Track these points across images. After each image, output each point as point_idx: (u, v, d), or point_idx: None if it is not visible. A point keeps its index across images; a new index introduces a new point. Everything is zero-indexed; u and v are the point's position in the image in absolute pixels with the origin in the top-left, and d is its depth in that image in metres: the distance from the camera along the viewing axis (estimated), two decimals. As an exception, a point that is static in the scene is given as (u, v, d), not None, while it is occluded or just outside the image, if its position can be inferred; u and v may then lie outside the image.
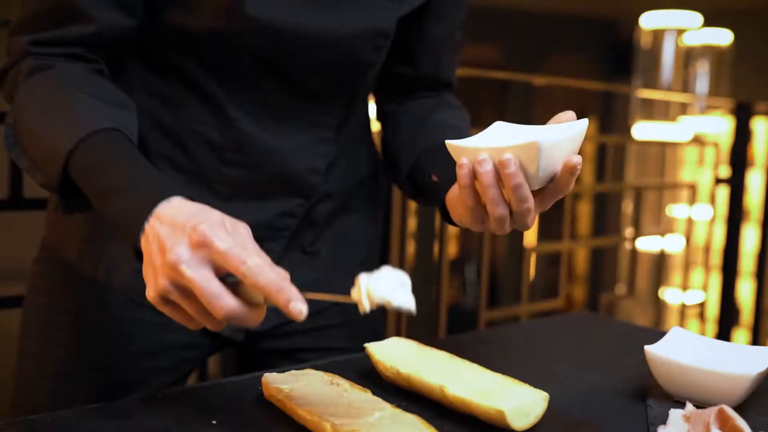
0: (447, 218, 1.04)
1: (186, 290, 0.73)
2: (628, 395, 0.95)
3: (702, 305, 3.00)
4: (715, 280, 2.95)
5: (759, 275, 2.87)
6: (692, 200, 2.79)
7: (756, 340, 2.93)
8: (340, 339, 1.16)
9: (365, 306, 0.74)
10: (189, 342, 1.08)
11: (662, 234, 2.88)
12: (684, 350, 0.95)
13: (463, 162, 0.84)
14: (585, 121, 0.84)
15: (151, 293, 0.75)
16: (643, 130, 4.77)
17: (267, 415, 0.81)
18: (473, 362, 0.90)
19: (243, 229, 0.76)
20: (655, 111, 4.78)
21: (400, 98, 1.18)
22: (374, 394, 0.82)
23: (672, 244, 3.39)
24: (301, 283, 1.12)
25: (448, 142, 0.87)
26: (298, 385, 0.82)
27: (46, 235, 1.10)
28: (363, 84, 1.11)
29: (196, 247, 0.72)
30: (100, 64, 0.97)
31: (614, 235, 3.38)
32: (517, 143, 0.81)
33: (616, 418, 0.87)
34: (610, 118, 6.25)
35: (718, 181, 2.77)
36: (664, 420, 0.84)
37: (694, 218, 2.84)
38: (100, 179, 0.84)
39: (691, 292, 2.98)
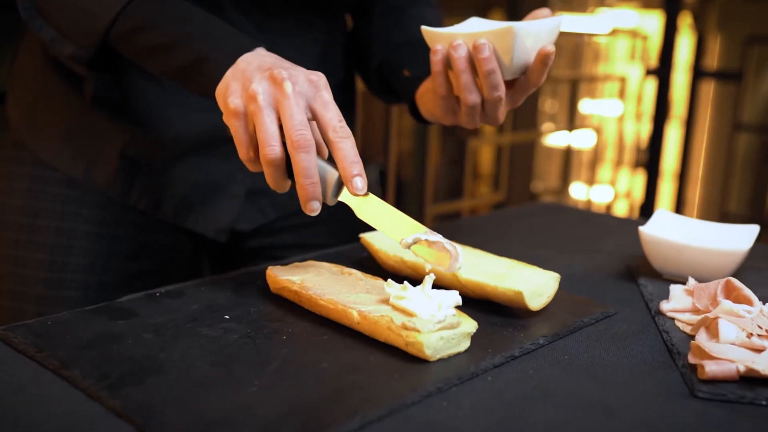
0: (416, 115, 1.04)
1: (250, 121, 0.75)
2: (616, 276, 0.97)
3: (629, 197, 3.10)
4: (626, 175, 3.04)
5: (681, 174, 2.98)
6: (622, 94, 2.84)
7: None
8: (320, 236, 1.15)
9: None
10: (171, 243, 1.05)
11: (571, 130, 2.92)
12: (673, 230, 0.97)
13: (437, 48, 0.85)
14: (560, 17, 0.86)
15: (226, 105, 0.76)
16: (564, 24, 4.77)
17: (279, 308, 0.78)
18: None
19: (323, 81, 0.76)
20: (574, 2, 4.78)
21: None
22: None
23: (584, 139, 3.46)
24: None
25: (423, 28, 0.87)
26: (308, 276, 0.80)
27: (10, 133, 1.02)
28: None
29: (273, 84, 0.74)
30: None
31: (531, 130, 3.42)
32: (492, 29, 0.83)
33: (613, 296, 0.89)
34: (525, 8, 6.17)
35: (648, 72, 2.82)
36: (660, 296, 0.86)
37: (617, 113, 2.90)
38: (157, 36, 0.82)
39: (599, 187, 3.06)
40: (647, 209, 2.89)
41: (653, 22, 4.73)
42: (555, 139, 3.62)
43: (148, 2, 0.83)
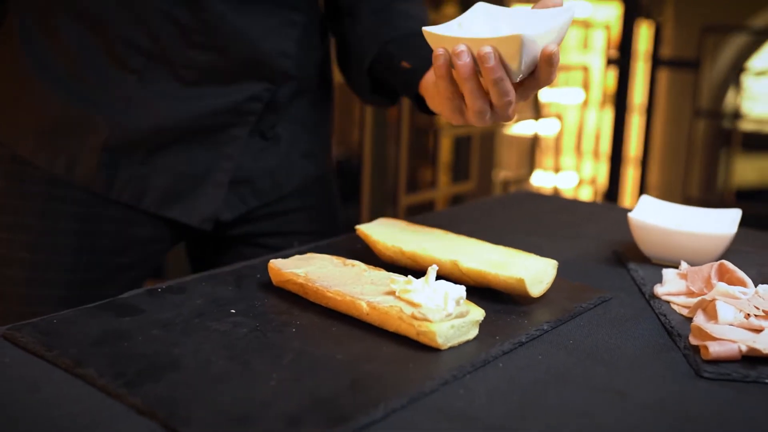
0: (422, 107, 1.01)
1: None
2: (604, 261, 0.99)
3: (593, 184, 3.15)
4: (590, 162, 3.10)
5: (643, 161, 3.04)
6: (585, 83, 2.88)
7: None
8: (300, 223, 1.15)
9: None
10: (154, 235, 1.05)
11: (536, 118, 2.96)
12: (659, 216, 0.99)
13: (439, 52, 0.80)
14: (572, 9, 0.80)
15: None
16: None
17: (283, 301, 0.79)
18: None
19: None
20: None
21: None
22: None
23: (546, 128, 3.51)
24: (263, 169, 1.10)
25: (425, 29, 0.81)
26: (312, 269, 0.80)
27: None
28: None
29: None
30: None
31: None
32: (498, 35, 0.77)
33: (606, 282, 0.91)
34: None
35: (609, 62, 2.87)
36: (652, 281, 0.88)
37: (576, 102, 2.94)
38: None
39: (563, 174, 3.11)
40: (611, 195, 2.94)
41: (606, 12, 4.80)
42: (517, 128, 3.66)
43: None
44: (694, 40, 3.45)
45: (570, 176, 3.57)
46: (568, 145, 3.58)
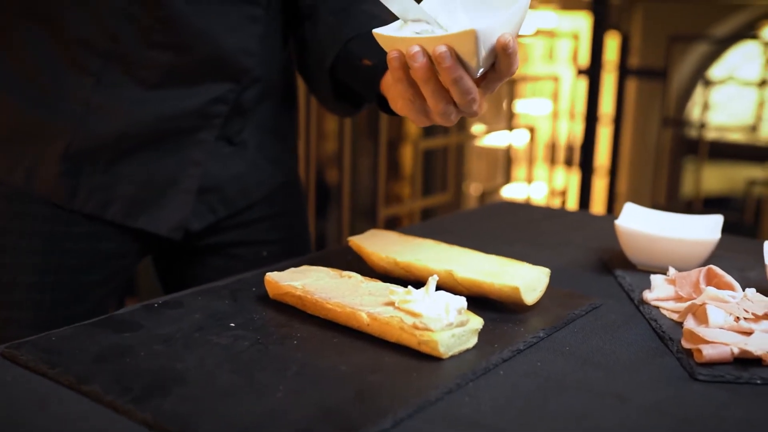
0: (385, 108, 0.98)
1: None
2: (591, 268, 1.01)
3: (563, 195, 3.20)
4: (560, 173, 3.13)
5: (612, 170, 3.09)
6: (555, 93, 2.92)
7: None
8: (268, 231, 1.14)
9: None
10: (120, 249, 1.03)
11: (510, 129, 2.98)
12: (644, 223, 1.02)
13: (393, 55, 0.76)
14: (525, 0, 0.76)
15: None
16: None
17: (281, 314, 0.79)
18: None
19: None
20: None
21: None
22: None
23: (517, 139, 3.54)
24: (231, 176, 1.09)
25: (375, 31, 0.77)
26: (309, 281, 0.81)
27: None
28: None
29: None
30: None
31: (462, 132, 3.47)
32: (450, 32, 0.74)
33: (594, 288, 0.93)
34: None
35: (579, 72, 2.91)
36: (640, 287, 0.90)
37: (547, 112, 2.98)
38: None
39: (535, 184, 3.14)
40: (583, 205, 2.98)
41: (572, 22, 4.88)
42: (487, 139, 3.69)
43: None
44: (661, 50, 3.52)
45: (540, 186, 3.60)
46: (539, 156, 3.63)
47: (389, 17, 1.08)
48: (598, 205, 3.62)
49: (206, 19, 0.96)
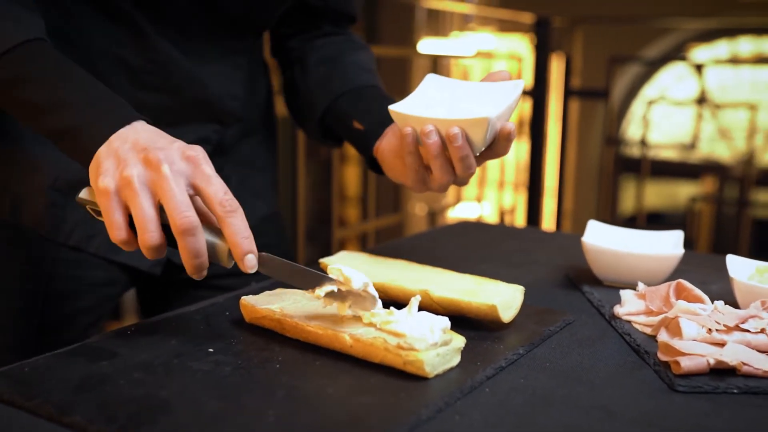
0: (376, 169, 1.03)
1: (123, 203, 0.72)
2: (559, 285, 1.03)
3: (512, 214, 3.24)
4: (509, 192, 3.18)
5: (559, 189, 3.15)
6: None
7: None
8: None
9: None
10: (108, 278, 1.02)
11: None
12: (609, 239, 1.04)
13: (407, 131, 0.85)
14: (520, 85, 0.87)
15: (97, 185, 0.72)
16: (429, 46, 4.91)
17: (259, 337, 0.78)
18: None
19: (201, 153, 0.74)
20: (438, 26, 4.91)
21: (304, 32, 1.15)
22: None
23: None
24: None
25: (391, 108, 0.86)
26: (286, 304, 0.80)
27: None
28: (281, 11, 1.07)
29: (149, 168, 0.71)
30: None
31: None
32: (462, 114, 0.84)
33: (564, 304, 0.94)
34: (395, 30, 6.15)
35: (524, 93, 2.96)
36: (609, 302, 0.92)
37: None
38: (32, 93, 0.77)
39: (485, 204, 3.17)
40: (532, 223, 3.03)
41: (510, 44, 4.97)
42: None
43: (27, 54, 0.78)
44: (602, 71, 3.62)
45: (487, 206, 3.65)
46: (488, 176, 3.67)
47: (373, 63, 1.12)
48: (546, 222, 3.69)
49: (195, 65, 0.99)
